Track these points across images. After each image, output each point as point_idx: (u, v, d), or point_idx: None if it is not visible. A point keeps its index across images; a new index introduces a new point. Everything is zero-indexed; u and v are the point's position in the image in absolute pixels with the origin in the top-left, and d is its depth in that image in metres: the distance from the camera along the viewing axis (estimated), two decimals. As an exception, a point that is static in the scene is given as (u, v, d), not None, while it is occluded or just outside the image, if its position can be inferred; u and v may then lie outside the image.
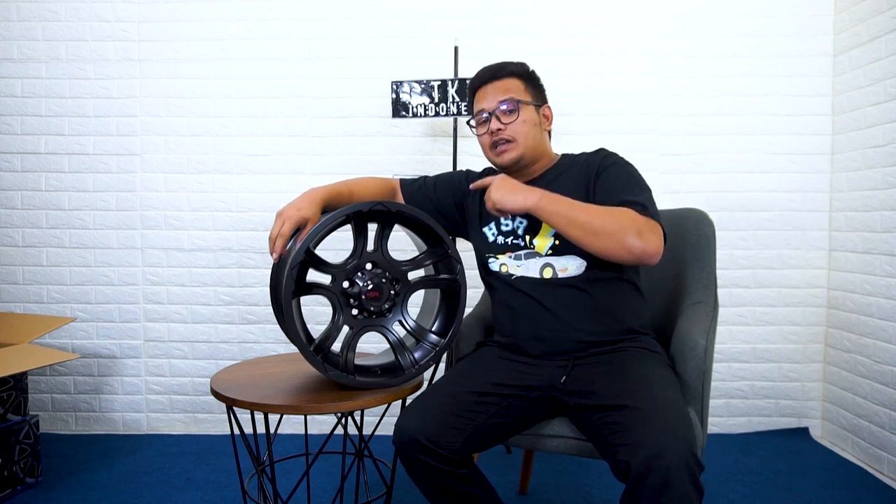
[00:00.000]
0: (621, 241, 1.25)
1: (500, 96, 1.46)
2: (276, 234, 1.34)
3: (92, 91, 2.55)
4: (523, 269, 1.46)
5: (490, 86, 1.48)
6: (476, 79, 1.52)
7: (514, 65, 1.50)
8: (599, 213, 1.28)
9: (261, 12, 2.53)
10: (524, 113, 1.46)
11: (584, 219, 1.27)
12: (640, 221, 1.27)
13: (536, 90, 1.51)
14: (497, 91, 1.47)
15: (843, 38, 2.41)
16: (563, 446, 1.41)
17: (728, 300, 2.52)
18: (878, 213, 2.23)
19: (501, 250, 1.50)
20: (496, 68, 1.50)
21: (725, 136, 2.51)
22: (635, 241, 1.24)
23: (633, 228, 1.25)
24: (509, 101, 1.45)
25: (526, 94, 1.48)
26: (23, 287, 2.59)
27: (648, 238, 1.25)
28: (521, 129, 1.45)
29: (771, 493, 2.02)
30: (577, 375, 1.38)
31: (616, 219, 1.27)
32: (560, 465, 2.23)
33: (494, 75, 1.49)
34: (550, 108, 1.54)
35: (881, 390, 2.19)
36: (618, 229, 1.25)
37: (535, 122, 1.48)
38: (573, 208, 1.29)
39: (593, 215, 1.28)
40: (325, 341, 1.40)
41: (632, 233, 1.24)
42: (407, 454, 1.28)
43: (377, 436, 2.28)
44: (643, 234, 1.25)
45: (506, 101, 1.45)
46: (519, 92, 1.47)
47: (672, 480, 1.06)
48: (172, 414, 2.62)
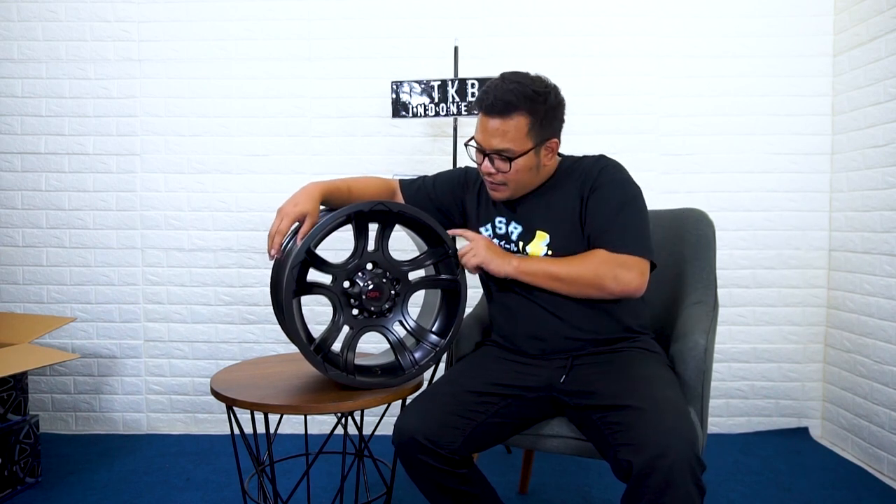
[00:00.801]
0: (601, 288, 1.33)
1: (496, 142, 1.35)
2: (275, 230, 1.34)
3: (92, 91, 2.55)
4: None
5: (493, 121, 1.35)
6: (485, 99, 1.36)
7: (524, 97, 1.33)
8: (574, 266, 1.35)
9: (261, 12, 2.53)
10: (517, 164, 1.37)
11: (562, 274, 1.35)
12: (614, 263, 1.33)
13: (544, 125, 1.37)
14: (496, 132, 1.35)
15: (843, 38, 2.41)
16: (563, 446, 1.41)
17: (728, 300, 2.52)
18: (878, 213, 2.23)
19: None
20: (503, 104, 1.33)
21: (725, 136, 2.51)
22: (613, 285, 1.32)
23: (609, 274, 1.32)
24: (504, 154, 1.36)
25: (527, 138, 1.35)
26: (23, 287, 2.59)
27: (625, 278, 1.32)
28: (514, 177, 1.40)
29: (771, 493, 2.02)
30: (576, 375, 1.38)
31: (591, 267, 1.34)
32: (560, 465, 2.23)
33: (502, 111, 1.34)
34: (558, 135, 1.42)
35: (881, 390, 2.19)
36: (593, 278, 1.33)
37: (531, 167, 1.40)
38: (550, 267, 1.37)
39: (569, 269, 1.35)
40: (325, 341, 1.40)
41: (608, 279, 1.32)
42: (406, 454, 1.28)
43: (377, 436, 2.28)
44: (618, 276, 1.32)
45: (500, 151, 1.36)
46: (519, 137, 1.35)
47: (674, 480, 1.06)
48: (172, 414, 2.62)
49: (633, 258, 1.33)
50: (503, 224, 1.49)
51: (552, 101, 1.38)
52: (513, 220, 1.47)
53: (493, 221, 1.51)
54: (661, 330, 1.64)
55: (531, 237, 1.44)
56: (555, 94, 1.40)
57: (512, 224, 1.48)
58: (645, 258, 1.34)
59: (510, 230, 1.48)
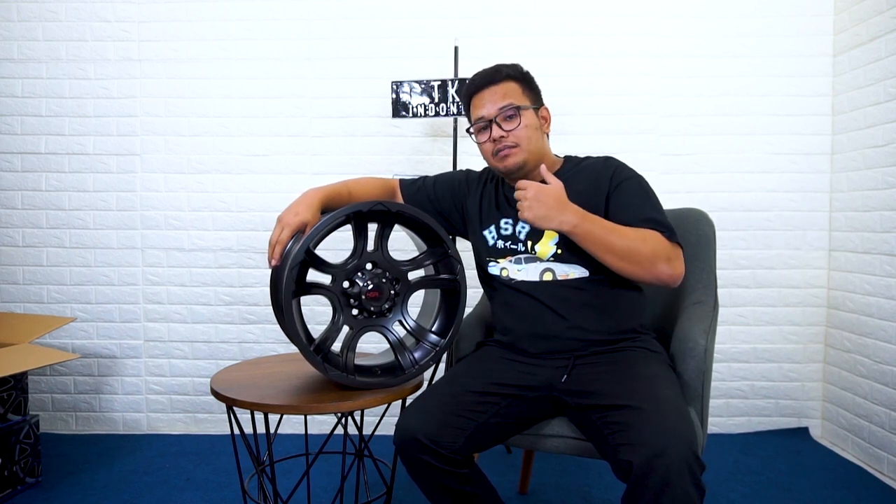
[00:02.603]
0: (652, 268, 1.30)
1: (499, 102, 1.42)
2: (276, 240, 1.34)
3: (92, 91, 2.55)
4: (524, 273, 1.46)
5: (487, 91, 1.44)
6: (471, 85, 1.47)
7: (508, 67, 1.46)
8: (635, 239, 1.31)
9: (261, 12, 2.53)
10: (525, 118, 1.42)
11: (620, 245, 1.30)
12: (669, 248, 1.32)
13: (533, 92, 1.48)
14: (495, 97, 1.43)
15: (843, 38, 2.41)
16: (563, 446, 1.41)
17: (728, 300, 2.52)
18: (878, 213, 2.23)
19: (502, 254, 1.49)
20: (492, 72, 1.45)
21: (725, 136, 2.51)
22: (665, 268, 1.30)
23: (664, 255, 1.30)
24: (509, 108, 1.41)
25: (524, 98, 1.44)
26: (23, 287, 2.59)
27: (675, 265, 1.32)
28: (524, 134, 1.42)
29: (771, 493, 2.02)
30: (577, 375, 1.38)
31: (649, 245, 1.31)
32: (560, 465, 2.23)
33: (491, 80, 1.44)
34: (548, 108, 1.51)
35: (881, 390, 2.19)
36: (650, 256, 1.30)
37: (536, 126, 1.45)
38: (611, 233, 1.31)
39: (629, 241, 1.31)
40: (325, 341, 1.40)
41: (662, 260, 1.30)
42: (408, 454, 1.28)
43: (377, 436, 2.28)
44: (672, 260, 1.31)
45: (505, 107, 1.41)
46: (517, 96, 1.43)
47: (673, 480, 1.06)
48: (172, 414, 2.62)
49: (676, 246, 1.35)
50: (510, 225, 1.49)
51: (532, 77, 1.50)
52: (520, 219, 1.46)
53: (497, 223, 1.51)
54: (661, 330, 1.64)
55: (540, 236, 1.44)
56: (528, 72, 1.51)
57: (520, 224, 1.47)
58: (680, 246, 1.36)
59: (517, 230, 1.48)
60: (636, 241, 1.31)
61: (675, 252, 1.33)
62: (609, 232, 1.31)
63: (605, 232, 1.31)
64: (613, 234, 1.31)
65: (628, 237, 1.31)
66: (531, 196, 1.31)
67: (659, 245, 1.31)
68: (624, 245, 1.30)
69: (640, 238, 1.31)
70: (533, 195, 1.31)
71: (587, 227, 1.30)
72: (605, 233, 1.31)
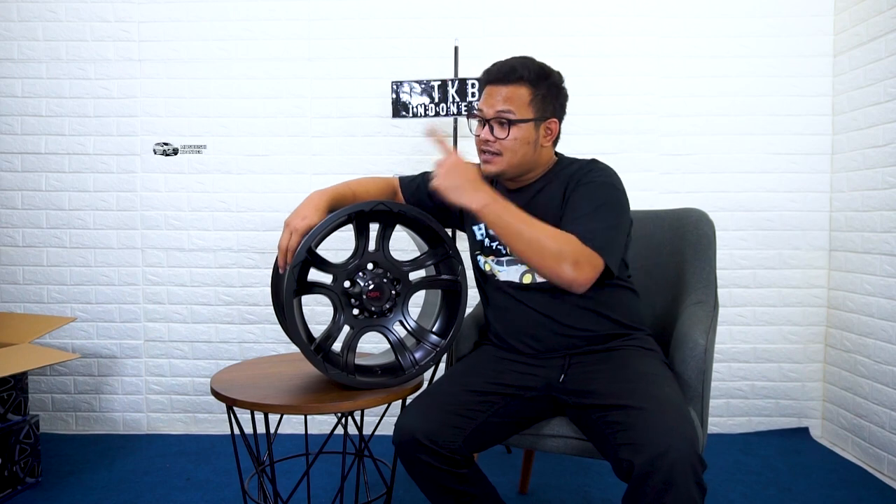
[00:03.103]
0: (555, 267, 1.26)
1: (498, 105, 1.38)
2: (286, 246, 1.34)
3: (92, 91, 2.55)
4: (505, 274, 1.46)
5: (495, 88, 1.39)
6: (486, 73, 1.42)
7: (526, 68, 1.38)
8: (545, 233, 1.28)
9: (261, 12, 2.53)
10: (517, 131, 1.37)
11: (528, 235, 1.27)
12: (581, 252, 1.27)
13: (545, 101, 1.40)
14: (499, 98, 1.38)
15: (843, 38, 2.41)
16: (563, 446, 1.41)
17: (728, 300, 2.52)
18: (878, 213, 2.23)
19: (487, 252, 1.50)
20: (508, 70, 1.38)
21: (725, 136, 2.51)
22: (569, 270, 1.25)
23: (571, 257, 1.25)
24: (504, 117, 1.37)
25: (528, 108, 1.38)
26: (23, 287, 2.59)
27: (582, 269, 1.26)
28: (510, 146, 1.38)
29: (771, 493, 2.02)
30: (574, 374, 1.38)
31: (557, 243, 1.26)
32: (560, 465, 2.23)
33: (504, 77, 1.38)
34: (559, 120, 1.44)
35: (881, 390, 2.19)
36: (555, 253, 1.25)
37: (529, 140, 1.39)
38: (521, 222, 1.28)
39: (538, 233, 1.27)
40: (325, 341, 1.40)
41: (568, 262, 1.25)
42: (407, 454, 1.28)
43: (377, 436, 2.28)
44: (579, 264, 1.26)
45: (501, 113, 1.37)
46: (521, 105, 1.37)
47: (676, 479, 1.06)
48: (172, 414, 2.62)
49: (593, 253, 1.28)
50: None
51: (555, 80, 1.43)
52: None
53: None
54: (661, 330, 1.64)
55: None
56: (559, 77, 1.45)
57: None
58: (601, 256, 1.29)
59: None
60: (545, 236, 1.27)
61: (587, 258, 1.27)
62: (520, 220, 1.28)
63: (515, 219, 1.28)
64: (524, 224, 1.28)
65: (539, 229, 1.28)
66: (448, 164, 1.31)
67: (569, 246, 1.26)
68: (532, 235, 1.27)
69: (551, 234, 1.28)
70: (450, 164, 1.31)
71: (497, 210, 1.29)
72: (514, 220, 1.28)
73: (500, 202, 1.30)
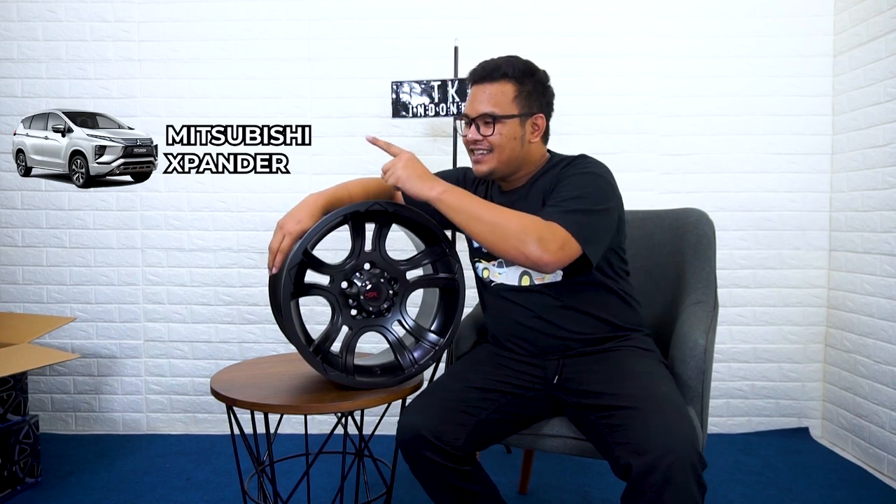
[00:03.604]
0: (519, 246, 1.23)
1: (482, 106, 1.38)
2: (277, 248, 1.34)
3: (92, 91, 2.55)
4: (503, 276, 1.46)
5: (480, 88, 1.40)
6: (471, 74, 1.43)
7: (511, 66, 1.38)
8: (506, 215, 1.27)
9: (261, 12, 2.53)
10: (501, 127, 1.37)
11: (488, 217, 1.26)
12: (545, 229, 1.24)
13: (531, 97, 1.40)
14: (483, 97, 1.38)
15: (843, 38, 2.41)
16: (563, 446, 1.41)
17: (728, 300, 2.52)
18: (878, 213, 2.23)
19: (486, 256, 1.50)
20: (491, 68, 1.39)
21: (725, 136, 2.51)
22: (534, 248, 1.22)
23: (535, 235, 1.22)
24: (488, 116, 1.37)
25: (513, 104, 1.38)
26: (23, 287, 2.59)
27: (548, 247, 1.22)
28: (497, 142, 1.38)
29: (771, 493, 2.02)
30: (570, 375, 1.38)
31: (521, 222, 1.25)
32: (560, 465, 2.23)
33: (488, 76, 1.39)
34: (545, 116, 1.44)
35: (881, 390, 2.19)
36: (517, 232, 1.23)
37: (516, 136, 1.39)
38: (478, 206, 1.28)
39: (496, 216, 1.26)
40: (324, 342, 1.40)
41: (532, 239, 1.22)
42: (411, 450, 1.28)
43: (377, 436, 2.27)
44: (544, 241, 1.22)
45: (485, 114, 1.37)
46: (505, 102, 1.37)
47: (675, 477, 1.06)
48: (172, 414, 2.62)
49: (562, 230, 1.24)
50: None
51: (541, 77, 1.43)
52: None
53: None
54: (661, 330, 1.64)
55: None
56: (544, 75, 1.44)
57: None
58: (575, 239, 1.25)
59: None
60: (506, 217, 1.26)
61: (553, 236, 1.23)
62: (479, 205, 1.28)
63: (473, 205, 1.28)
64: (484, 208, 1.28)
65: (499, 212, 1.27)
66: (404, 160, 1.34)
67: (533, 225, 1.24)
68: (492, 218, 1.26)
69: (512, 215, 1.26)
70: (405, 160, 1.34)
71: (455, 196, 1.29)
72: (473, 205, 1.28)
73: (457, 190, 1.31)
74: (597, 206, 1.31)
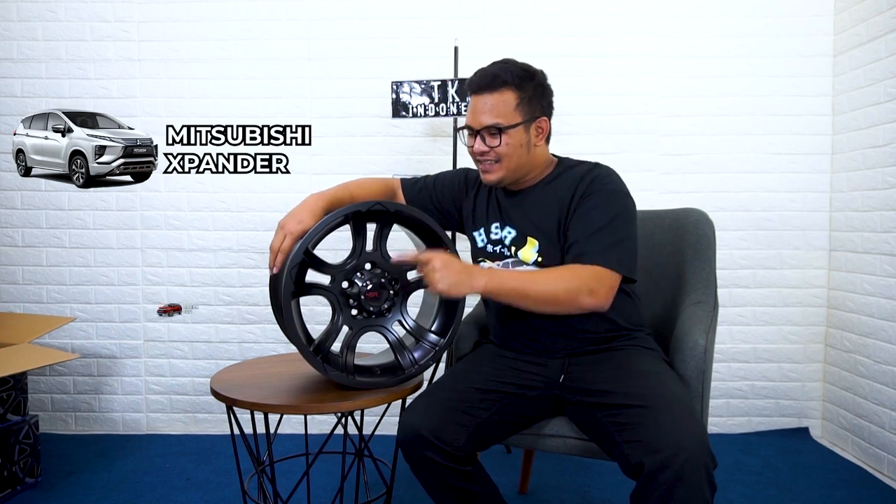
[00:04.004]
0: (574, 304, 1.28)
1: (486, 118, 1.37)
2: (278, 247, 1.34)
3: (92, 91, 2.55)
4: None
5: (480, 98, 1.38)
6: (470, 84, 1.41)
7: (509, 73, 1.37)
8: (550, 281, 1.28)
9: (261, 12, 2.53)
10: (507, 137, 1.37)
11: (535, 291, 1.28)
12: (591, 279, 1.28)
13: (532, 102, 1.40)
14: (486, 108, 1.37)
15: (843, 38, 2.41)
16: (564, 446, 1.41)
17: (728, 300, 2.52)
18: (878, 213, 2.23)
19: (490, 257, 1.50)
20: (491, 77, 1.37)
21: (725, 136, 2.51)
22: (588, 300, 1.27)
23: (585, 289, 1.27)
24: (493, 128, 1.36)
25: (516, 112, 1.37)
26: (23, 287, 2.59)
27: (598, 294, 1.28)
28: (506, 152, 1.38)
29: (771, 493, 2.02)
30: (575, 373, 1.38)
31: (564, 283, 1.27)
32: (560, 465, 2.23)
33: (488, 85, 1.37)
34: (548, 117, 1.44)
35: (881, 390, 2.19)
36: (566, 294, 1.27)
37: (522, 143, 1.39)
38: (523, 283, 1.28)
39: (544, 286, 1.28)
40: (324, 342, 1.40)
41: (583, 294, 1.27)
42: (412, 450, 1.28)
43: (377, 436, 2.27)
44: (594, 292, 1.27)
45: (489, 127, 1.37)
46: (508, 111, 1.36)
47: (687, 475, 1.06)
48: (172, 414, 2.62)
49: (606, 273, 1.29)
50: (498, 229, 1.49)
51: (540, 80, 1.42)
52: (507, 224, 1.47)
53: (487, 227, 1.51)
54: (661, 330, 1.64)
55: (523, 243, 1.44)
56: (542, 75, 1.44)
57: (506, 229, 1.47)
58: (617, 272, 1.31)
59: (504, 235, 1.47)
60: (551, 283, 1.28)
61: (598, 281, 1.28)
62: (522, 281, 1.29)
63: (518, 283, 1.28)
64: (527, 283, 1.28)
65: (542, 281, 1.29)
66: (439, 266, 1.26)
67: (576, 281, 1.27)
68: (539, 290, 1.28)
69: (554, 278, 1.29)
70: (441, 265, 1.26)
71: (496, 283, 1.28)
72: (518, 283, 1.28)
73: (496, 274, 1.30)
74: (628, 230, 1.35)
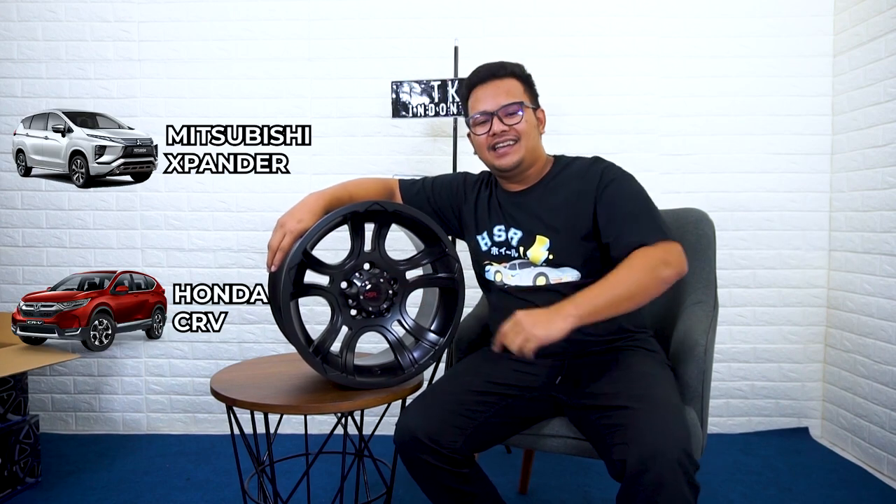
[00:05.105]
0: (659, 281, 1.24)
1: (502, 98, 1.42)
2: (277, 246, 1.34)
3: (92, 91, 2.55)
4: (517, 278, 1.45)
5: (490, 85, 1.43)
6: (474, 76, 1.46)
7: (513, 65, 1.46)
8: (629, 277, 1.24)
9: (261, 12, 2.53)
10: (526, 114, 1.42)
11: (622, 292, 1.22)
12: (659, 253, 1.26)
13: (532, 93, 1.48)
14: (498, 92, 1.42)
15: (843, 38, 2.41)
16: (563, 446, 1.41)
17: (728, 300, 2.52)
18: (878, 213, 2.23)
19: (496, 259, 1.49)
20: (496, 67, 1.45)
21: (725, 136, 2.51)
22: (667, 271, 1.25)
23: (660, 263, 1.25)
24: (514, 105, 1.41)
25: (525, 97, 1.45)
26: (23, 287, 2.59)
27: (672, 262, 1.26)
28: (524, 129, 1.41)
29: (771, 493, 2.02)
30: (571, 375, 1.38)
31: (640, 269, 1.25)
32: (560, 465, 2.23)
33: (495, 74, 1.44)
34: (544, 111, 1.51)
35: (881, 390, 2.19)
36: (649, 275, 1.24)
37: (534, 125, 1.45)
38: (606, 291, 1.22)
39: (626, 283, 1.23)
40: (324, 342, 1.40)
41: (661, 267, 1.25)
42: (409, 453, 1.28)
43: (377, 436, 2.27)
44: (668, 262, 1.25)
45: (510, 104, 1.41)
46: (520, 94, 1.44)
47: (667, 479, 1.06)
48: (172, 414, 2.62)
49: (666, 241, 1.29)
50: (502, 231, 1.48)
51: (528, 73, 1.50)
52: (512, 226, 1.46)
53: (490, 230, 1.50)
54: (661, 330, 1.64)
55: (531, 242, 1.44)
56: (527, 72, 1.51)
57: (511, 230, 1.47)
58: (671, 237, 1.30)
59: (510, 236, 1.47)
60: (630, 277, 1.24)
61: (667, 252, 1.27)
62: (606, 290, 1.22)
63: (604, 293, 1.22)
64: (610, 290, 1.23)
65: (621, 280, 1.24)
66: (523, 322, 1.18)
67: (648, 261, 1.25)
68: (625, 289, 1.23)
69: (627, 272, 1.25)
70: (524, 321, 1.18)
71: (586, 305, 1.20)
72: (604, 293, 1.22)
73: (578, 298, 1.21)
74: (652, 202, 1.38)
